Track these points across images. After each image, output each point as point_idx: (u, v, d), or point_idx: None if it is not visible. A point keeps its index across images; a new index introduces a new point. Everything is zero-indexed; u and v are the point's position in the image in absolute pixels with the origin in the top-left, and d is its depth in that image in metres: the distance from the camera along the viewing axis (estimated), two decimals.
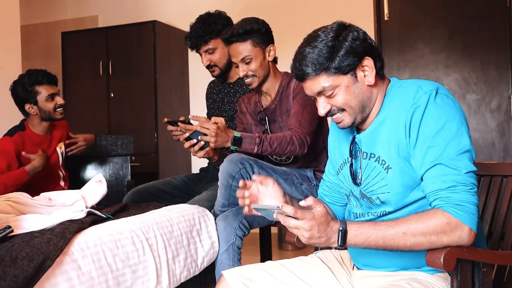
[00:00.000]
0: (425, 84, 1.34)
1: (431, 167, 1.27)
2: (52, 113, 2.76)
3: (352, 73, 1.36)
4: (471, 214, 1.23)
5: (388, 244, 1.26)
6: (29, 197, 2.13)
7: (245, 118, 2.45)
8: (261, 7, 4.52)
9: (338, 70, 1.34)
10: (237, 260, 2.12)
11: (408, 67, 3.91)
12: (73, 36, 4.92)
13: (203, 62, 2.64)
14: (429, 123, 1.29)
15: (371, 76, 1.36)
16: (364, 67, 1.36)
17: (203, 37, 2.55)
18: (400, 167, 1.34)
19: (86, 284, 1.58)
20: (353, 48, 1.34)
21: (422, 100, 1.30)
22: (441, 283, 1.37)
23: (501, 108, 3.68)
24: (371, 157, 1.40)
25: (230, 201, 2.20)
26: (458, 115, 1.30)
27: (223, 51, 2.57)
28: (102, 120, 4.73)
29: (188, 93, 5.03)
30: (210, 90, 2.86)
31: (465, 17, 3.74)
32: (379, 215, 1.40)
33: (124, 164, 3.16)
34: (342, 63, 1.33)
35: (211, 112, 2.79)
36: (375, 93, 1.40)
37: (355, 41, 1.35)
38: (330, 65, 1.33)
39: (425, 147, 1.28)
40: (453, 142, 1.27)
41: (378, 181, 1.38)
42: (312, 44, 1.35)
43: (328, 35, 1.34)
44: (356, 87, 1.37)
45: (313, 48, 1.34)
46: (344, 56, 1.33)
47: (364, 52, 1.36)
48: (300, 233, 1.26)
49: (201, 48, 2.59)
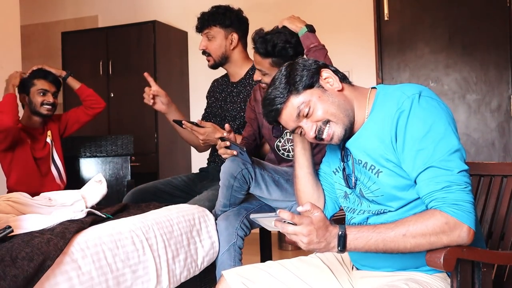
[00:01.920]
0: (408, 88, 1.35)
1: (423, 170, 1.27)
2: (38, 106, 2.83)
3: (317, 85, 1.40)
4: (469, 212, 1.23)
5: (388, 247, 1.26)
6: (29, 197, 2.13)
7: (258, 107, 2.42)
8: (261, 7, 4.52)
9: (303, 86, 1.39)
10: (238, 260, 2.13)
11: (408, 67, 3.91)
12: (73, 36, 4.92)
13: (200, 45, 2.65)
14: (415, 127, 1.29)
15: (336, 82, 1.41)
16: (326, 79, 1.42)
17: (207, 21, 2.58)
18: (390, 170, 1.34)
19: (86, 284, 1.58)
20: (306, 66, 1.42)
21: (405, 104, 1.31)
22: (439, 283, 1.37)
23: (501, 108, 3.68)
24: (359, 163, 1.42)
25: (231, 201, 2.20)
26: (444, 115, 1.31)
27: (221, 42, 2.59)
28: (102, 120, 4.72)
29: (188, 93, 5.03)
30: (213, 88, 2.85)
31: (465, 17, 3.74)
32: (380, 212, 1.40)
33: (124, 164, 3.17)
34: (303, 79, 1.39)
35: (212, 111, 2.78)
36: (350, 97, 1.42)
37: (305, 62, 1.44)
38: (293, 86, 1.39)
39: (414, 150, 1.29)
40: (442, 143, 1.27)
41: (371, 185, 1.39)
42: (272, 85, 1.44)
43: (281, 71, 1.44)
44: (328, 95, 1.40)
45: (273, 86, 1.43)
46: (301, 73, 1.40)
47: (318, 67, 1.42)
48: (298, 239, 1.26)
49: (203, 31, 2.61)
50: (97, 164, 3.20)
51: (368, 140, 1.38)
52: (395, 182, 1.34)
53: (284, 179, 2.20)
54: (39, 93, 2.84)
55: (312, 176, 1.59)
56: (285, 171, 2.24)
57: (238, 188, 2.14)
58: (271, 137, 2.36)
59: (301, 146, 1.57)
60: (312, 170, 1.59)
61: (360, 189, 1.43)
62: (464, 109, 3.76)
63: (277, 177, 2.18)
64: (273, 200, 2.20)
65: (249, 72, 2.65)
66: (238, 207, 2.23)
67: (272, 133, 2.33)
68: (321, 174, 1.63)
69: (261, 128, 2.42)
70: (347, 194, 1.51)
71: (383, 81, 3.92)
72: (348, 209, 1.52)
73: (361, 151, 1.41)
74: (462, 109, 3.76)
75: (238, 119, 2.63)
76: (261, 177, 2.13)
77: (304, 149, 1.57)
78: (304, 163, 1.58)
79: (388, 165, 1.34)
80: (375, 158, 1.37)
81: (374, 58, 3.94)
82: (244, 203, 2.26)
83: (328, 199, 1.61)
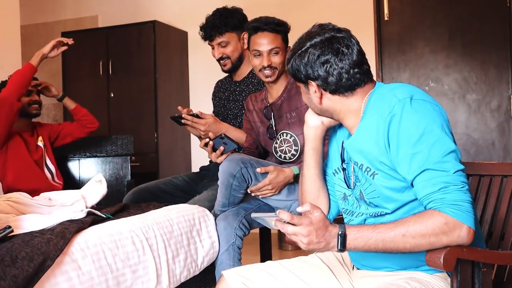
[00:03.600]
0: (400, 91, 1.34)
1: (419, 173, 1.27)
2: (26, 107, 2.81)
3: (305, 85, 1.46)
4: (468, 212, 1.22)
5: (388, 247, 1.26)
6: (29, 197, 2.14)
7: (252, 116, 2.44)
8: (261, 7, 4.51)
9: (298, 77, 1.46)
10: (238, 260, 2.13)
11: (408, 67, 3.91)
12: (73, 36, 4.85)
13: (214, 54, 2.63)
14: (408, 130, 1.28)
15: (316, 97, 1.44)
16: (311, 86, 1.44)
17: (219, 28, 2.56)
18: (385, 173, 1.34)
19: (86, 284, 1.58)
20: (312, 64, 1.41)
21: (397, 108, 1.30)
22: (440, 282, 1.37)
23: (501, 108, 3.68)
24: (355, 165, 1.42)
25: (231, 201, 2.20)
26: (437, 117, 1.30)
27: (236, 45, 2.60)
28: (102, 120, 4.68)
29: (188, 93, 5.03)
30: (217, 89, 2.86)
31: (465, 17, 3.74)
32: (378, 214, 1.40)
33: (124, 164, 3.16)
34: (301, 69, 1.43)
35: (217, 111, 2.79)
36: (333, 107, 1.45)
37: (317, 59, 1.41)
38: (295, 63, 1.44)
39: (409, 154, 1.28)
40: (437, 145, 1.26)
41: (367, 186, 1.40)
42: (303, 43, 1.43)
43: (316, 46, 1.41)
44: (310, 97, 1.47)
45: (301, 45, 1.43)
46: (305, 66, 1.42)
47: (308, 77, 1.43)
48: (298, 239, 1.26)
49: (215, 40, 2.59)
50: (97, 164, 3.20)
51: (363, 142, 1.38)
52: (390, 184, 1.34)
53: None
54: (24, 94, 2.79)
55: (319, 177, 1.59)
56: None
57: (237, 187, 2.14)
58: (267, 141, 2.37)
59: (310, 146, 1.57)
60: (319, 171, 1.59)
61: (360, 191, 1.43)
62: (464, 109, 3.76)
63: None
64: (274, 199, 2.20)
65: (252, 71, 2.65)
66: (237, 207, 2.23)
67: (267, 135, 2.34)
68: (327, 177, 1.63)
69: (258, 137, 2.43)
70: (346, 196, 1.51)
71: (383, 81, 3.91)
72: (347, 211, 1.52)
73: (357, 153, 1.41)
74: (462, 109, 3.76)
75: (239, 117, 2.64)
76: (261, 176, 2.13)
77: (313, 149, 1.56)
78: (312, 164, 1.58)
79: (383, 167, 1.34)
80: (370, 160, 1.37)
81: (374, 58, 3.94)
82: (243, 203, 2.27)
83: (333, 202, 1.62)
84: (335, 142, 1.56)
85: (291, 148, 2.27)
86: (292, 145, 2.27)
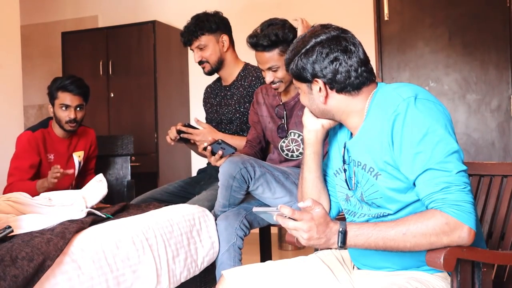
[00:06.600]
0: (404, 90, 1.34)
1: (422, 173, 1.27)
2: (62, 122, 2.73)
3: (308, 84, 1.44)
4: (469, 213, 1.22)
5: (388, 245, 1.26)
6: (29, 197, 2.13)
7: (260, 110, 2.42)
8: (261, 7, 4.52)
9: (298, 76, 1.46)
10: (238, 260, 2.13)
11: (408, 67, 3.91)
12: (73, 36, 4.92)
13: (195, 58, 2.66)
14: (412, 130, 1.28)
15: (321, 96, 1.42)
16: (316, 85, 1.42)
17: (195, 32, 2.57)
18: (389, 173, 1.34)
19: (86, 284, 1.58)
20: (319, 61, 1.40)
21: (401, 108, 1.30)
22: (440, 282, 1.37)
23: (501, 108, 3.68)
24: (358, 165, 1.42)
25: (231, 202, 2.20)
26: (441, 117, 1.30)
27: (214, 48, 2.60)
28: (102, 120, 4.72)
29: (188, 93, 5.03)
30: (207, 95, 2.86)
31: (465, 17, 3.74)
32: (380, 215, 1.40)
33: (124, 164, 3.16)
34: (302, 68, 1.42)
35: (210, 117, 2.79)
36: (338, 107, 1.43)
37: (323, 57, 1.40)
38: (294, 63, 1.43)
39: (412, 154, 1.28)
40: (440, 146, 1.26)
41: (369, 187, 1.39)
42: (305, 40, 1.43)
43: (321, 43, 1.40)
44: (312, 98, 1.46)
45: (304, 42, 1.42)
46: (310, 63, 1.40)
47: (315, 75, 1.41)
48: (299, 235, 1.26)
49: (193, 44, 2.61)
50: (97, 164, 3.20)
51: (367, 142, 1.38)
52: (393, 185, 1.34)
53: (283, 177, 2.20)
54: (61, 107, 2.70)
55: (320, 180, 1.58)
56: (284, 170, 2.24)
57: (237, 188, 2.15)
58: (275, 138, 2.36)
59: (311, 150, 1.56)
60: (320, 174, 1.58)
61: (361, 193, 1.43)
62: (464, 109, 3.76)
63: (277, 174, 2.19)
64: (275, 199, 2.20)
65: (240, 74, 2.66)
66: (237, 207, 2.23)
67: (278, 134, 2.34)
68: (327, 177, 1.63)
69: (265, 130, 2.42)
70: (349, 196, 1.51)
71: (383, 81, 3.91)
72: (349, 212, 1.52)
73: (360, 153, 1.41)
74: (462, 109, 3.76)
75: (234, 121, 2.64)
76: (262, 176, 2.13)
77: (314, 153, 1.56)
78: (313, 167, 1.57)
79: (386, 167, 1.34)
80: (374, 160, 1.37)
81: (374, 58, 3.94)
82: (244, 203, 2.27)
83: (333, 203, 1.62)
84: (336, 143, 1.56)
85: (298, 147, 2.28)
86: (300, 144, 2.27)
